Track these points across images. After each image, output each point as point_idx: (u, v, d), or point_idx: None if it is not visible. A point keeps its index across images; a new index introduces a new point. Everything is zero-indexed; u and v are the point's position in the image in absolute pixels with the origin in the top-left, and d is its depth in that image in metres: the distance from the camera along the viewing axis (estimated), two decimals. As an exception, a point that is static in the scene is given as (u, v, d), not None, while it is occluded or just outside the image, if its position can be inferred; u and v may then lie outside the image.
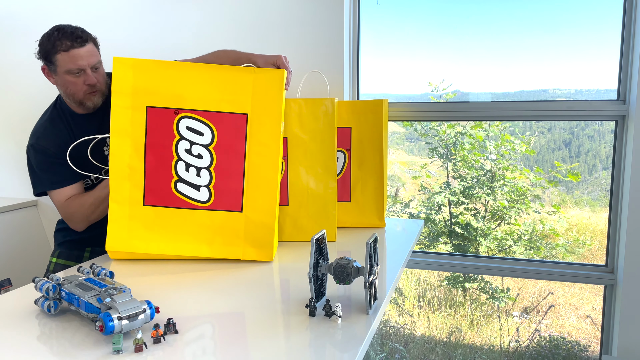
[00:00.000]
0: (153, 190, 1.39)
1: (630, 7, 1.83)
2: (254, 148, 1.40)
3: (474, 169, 2.56)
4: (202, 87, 1.39)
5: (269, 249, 1.42)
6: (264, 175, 1.41)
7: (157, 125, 1.38)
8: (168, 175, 1.39)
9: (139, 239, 1.40)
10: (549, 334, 2.47)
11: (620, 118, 1.89)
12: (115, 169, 1.38)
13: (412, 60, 2.34)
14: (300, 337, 0.97)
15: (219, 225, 1.41)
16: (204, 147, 1.39)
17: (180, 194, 1.40)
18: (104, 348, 0.90)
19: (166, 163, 1.39)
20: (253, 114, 1.40)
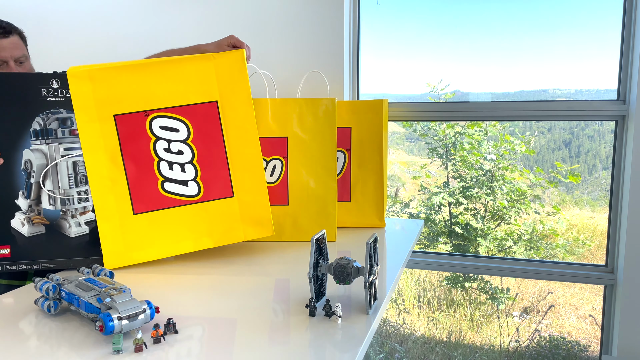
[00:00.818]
0: (140, 197, 1.38)
1: (630, 7, 1.83)
2: (231, 132, 1.41)
3: (473, 169, 2.56)
4: (166, 83, 1.37)
5: (268, 224, 1.43)
6: (246, 156, 1.41)
7: (129, 132, 1.36)
8: (153, 178, 1.38)
9: (138, 249, 1.38)
10: (549, 334, 2.47)
11: (620, 118, 1.89)
12: (95, 186, 1.35)
13: (412, 60, 2.34)
14: (300, 337, 0.97)
15: (214, 214, 1.41)
16: (182, 143, 1.39)
17: (170, 193, 1.39)
18: (104, 348, 0.90)
19: (148, 167, 1.38)
20: (222, 99, 1.40)
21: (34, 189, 1.33)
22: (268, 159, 1.62)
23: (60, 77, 1.33)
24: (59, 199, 1.34)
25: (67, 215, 1.35)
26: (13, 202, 1.32)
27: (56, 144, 1.34)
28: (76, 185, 1.35)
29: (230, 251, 1.54)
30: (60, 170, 1.34)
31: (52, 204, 1.34)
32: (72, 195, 1.35)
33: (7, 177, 1.31)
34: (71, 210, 1.35)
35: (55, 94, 1.33)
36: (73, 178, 1.35)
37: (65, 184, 1.35)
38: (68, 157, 1.35)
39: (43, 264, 1.33)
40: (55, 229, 1.34)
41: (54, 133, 1.34)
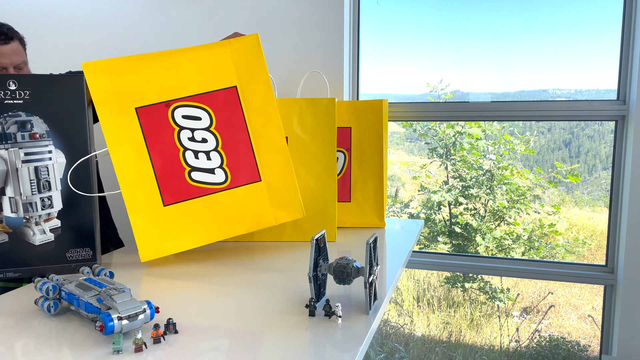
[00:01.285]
0: (169, 188, 1.37)
1: (630, 7, 1.83)
2: (253, 116, 1.41)
3: (473, 169, 2.56)
4: (185, 72, 1.37)
5: (298, 206, 1.44)
6: (270, 139, 1.42)
7: (152, 124, 1.36)
8: (179, 168, 1.37)
9: (171, 240, 1.38)
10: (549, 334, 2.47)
11: (620, 118, 1.89)
12: (124, 180, 1.34)
13: (412, 60, 2.34)
14: (300, 337, 0.97)
15: (243, 200, 1.41)
16: (205, 131, 1.38)
17: (197, 182, 1.38)
18: (104, 348, 0.90)
19: (174, 157, 1.37)
20: (241, 84, 1.40)
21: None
22: (268, 159, 1.62)
23: (17, 78, 1.26)
24: (21, 205, 1.29)
25: (30, 223, 1.29)
26: None
27: (16, 149, 1.27)
28: (39, 192, 1.29)
29: (230, 251, 1.54)
30: (21, 176, 1.28)
31: (15, 211, 1.29)
32: (35, 201, 1.29)
33: None
34: (35, 217, 1.29)
35: (13, 96, 1.26)
36: (35, 184, 1.29)
37: (27, 190, 1.29)
38: (29, 163, 1.28)
39: (7, 272, 1.29)
40: (19, 237, 1.29)
41: (13, 137, 1.27)
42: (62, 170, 1.31)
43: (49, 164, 1.30)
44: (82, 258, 1.33)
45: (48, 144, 1.29)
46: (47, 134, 1.29)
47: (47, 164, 1.30)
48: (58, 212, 1.31)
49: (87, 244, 1.33)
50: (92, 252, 1.34)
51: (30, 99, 1.27)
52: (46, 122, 1.29)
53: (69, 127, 1.30)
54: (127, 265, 1.39)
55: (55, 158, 1.30)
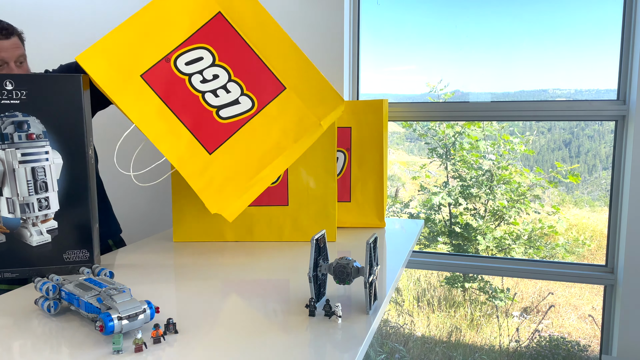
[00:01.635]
0: (206, 136, 1.35)
1: (630, 7, 1.83)
2: (250, 32, 1.39)
3: (473, 169, 2.56)
4: (167, 22, 1.36)
5: (334, 95, 1.42)
6: (275, 44, 1.40)
7: (163, 84, 1.34)
8: (206, 113, 1.35)
9: (231, 187, 1.35)
10: (549, 334, 2.47)
11: (620, 118, 1.89)
12: (165, 149, 1.32)
13: (412, 60, 2.34)
14: (300, 337, 0.97)
15: (279, 114, 1.39)
16: (212, 67, 1.37)
17: (228, 118, 1.37)
18: (104, 348, 0.90)
19: (197, 105, 1.36)
20: (223, 6, 1.39)
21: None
22: (268, 159, 1.62)
23: (14, 78, 1.25)
24: (18, 206, 1.28)
25: (27, 224, 1.28)
26: None
27: (13, 149, 1.25)
28: (36, 192, 1.28)
29: (230, 251, 1.54)
30: (18, 177, 1.27)
31: (12, 212, 1.28)
32: (32, 202, 1.28)
33: None
34: (32, 218, 1.28)
35: (10, 96, 1.24)
36: (32, 185, 1.28)
37: (24, 191, 1.27)
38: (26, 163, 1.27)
39: (5, 273, 1.28)
40: (16, 237, 1.27)
41: (9, 137, 1.25)
42: (59, 171, 1.30)
43: (46, 165, 1.28)
44: (79, 259, 1.32)
45: (45, 145, 1.28)
46: (43, 134, 1.28)
47: (44, 164, 1.28)
48: (55, 213, 1.30)
49: (84, 246, 1.32)
50: (90, 253, 1.32)
51: (27, 99, 1.26)
52: (43, 122, 1.27)
53: (66, 128, 1.29)
54: (127, 266, 1.39)
55: (52, 159, 1.29)
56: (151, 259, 1.45)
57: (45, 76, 1.30)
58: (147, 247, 1.58)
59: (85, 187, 1.31)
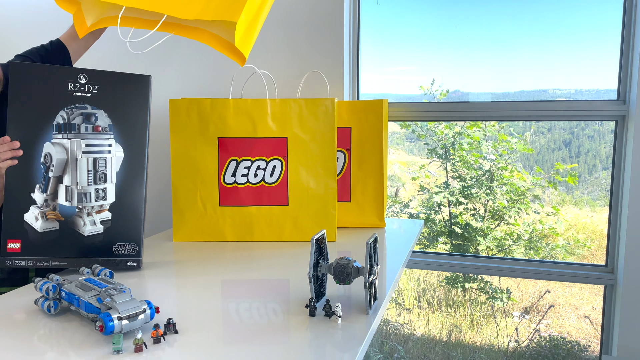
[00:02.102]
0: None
1: (630, 7, 1.83)
2: None
3: (472, 169, 2.56)
4: None
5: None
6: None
7: None
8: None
9: None
10: (549, 334, 2.47)
11: (620, 118, 1.89)
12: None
13: (412, 60, 2.34)
14: (300, 337, 0.97)
15: None
16: None
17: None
18: (104, 348, 0.90)
19: None
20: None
21: (51, 184, 1.30)
22: (268, 159, 1.62)
23: (87, 72, 1.31)
24: (76, 195, 1.31)
25: (82, 213, 1.31)
26: (29, 196, 1.29)
27: (78, 140, 1.31)
28: (95, 183, 1.32)
29: (230, 251, 1.54)
30: (80, 166, 1.31)
31: (69, 200, 1.31)
32: (90, 192, 1.32)
33: (25, 170, 1.28)
34: (87, 207, 1.32)
35: (82, 89, 1.30)
36: (92, 175, 1.32)
37: (83, 181, 1.31)
38: (89, 154, 1.32)
39: (53, 261, 1.30)
40: (69, 226, 1.31)
41: (77, 128, 1.31)
42: (119, 164, 1.33)
43: (108, 157, 1.33)
44: (128, 253, 1.33)
45: (109, 138, 1.32)
46: (109, 127, 1.32)
47: (105, 156, 1.32)
48: (110, 205, 1.33)
49: (133, 239, 1.34)
50: (138, 248, 1.34)
51: (98, 93, 1.31)
52: (110, 116, 1.32)
53: (131, 124, 1.33)
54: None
55: (114, 152, 1.33)
56: (151, 259, 1.45)
57: (116, 74, 1.34)
58: (147, 247, 1.58)
59: (141, 182, 1.34)
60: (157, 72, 2.19)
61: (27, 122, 1.29)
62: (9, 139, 1.27)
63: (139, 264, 1.33)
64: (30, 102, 1.28)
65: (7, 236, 1.28)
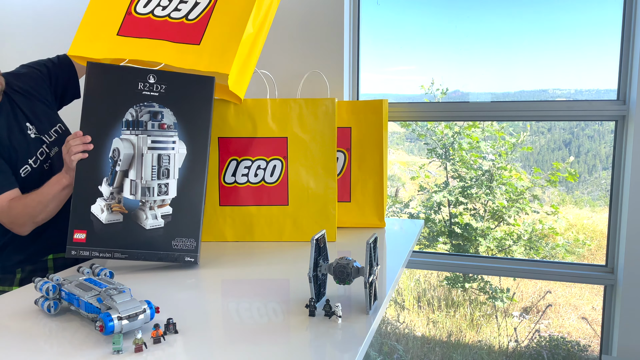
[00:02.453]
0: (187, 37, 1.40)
1: (630, 7, 1.83)
2: None
3: (472, 169, 2.56)
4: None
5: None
6: None
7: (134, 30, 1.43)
8: (179, 25, 1.42)
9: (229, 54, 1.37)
10: (549, 334, 2.47)
11: (620, 118, 1.89)
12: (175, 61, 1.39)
13: (412, 60, 2.34)
14: (300, 337, 0.97)
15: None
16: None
17: (197, 17, 1.43)
18: (104, 348, 0.90)
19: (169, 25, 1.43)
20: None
21: (117, 177, 1.35)
22: (268, 159, 1.62)
23: (157, 73, 1.36)
24: (140, 189, 1.36)
25: (145, 207, 1.36)
26: (96, 188, 1.34)
27: (145, 136, 1.36)
28: (158, 178, 1.36)
29: (230, 251, 1.54)
30: (145, 162, 1.36)
31: (133, 194, 1.36)
32: (153, 186, 1.36)
33: (95, 163, 1.34)
34: (150, 201, 1.36)
35: (151, 88, 1.36)
36: (156, 170, 1.36)
37: (147, 175, 1.36)
38: (154, 150, 1.37)
39: (115, 253, 1.34)
40: (132, 219, 1.35)
41: (144, 125, 1.36)
42: (181, 161, 1.37)
43: (171, 154, 1.37)
44: (186, 248, 1.36)
45: (173, 135, 1.37)
46: (174, 125, 1.37)
47: (169, 153, 1.37)
48: (171, 200, 1.37)
49: (192, 235, 1.36)
50: (196, 243, 1.36)
51: (165, 93, 1.36)
52: (175, 115, 1.37)
53: (194, 123, 1.38)
54: (127, 266, 1.39)
55: (177, 149, 1.37)
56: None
57: (183, 75, 1.38)
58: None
59: (201, 180, 1.37)
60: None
61: (98, 118, 1.35)
62: (81, 134, 1.34)
63: (196, 259, 1.36)
64: (103, 100, 1.36)
65: (73, 226, 1.33)
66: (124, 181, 1.35)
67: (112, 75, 1.36)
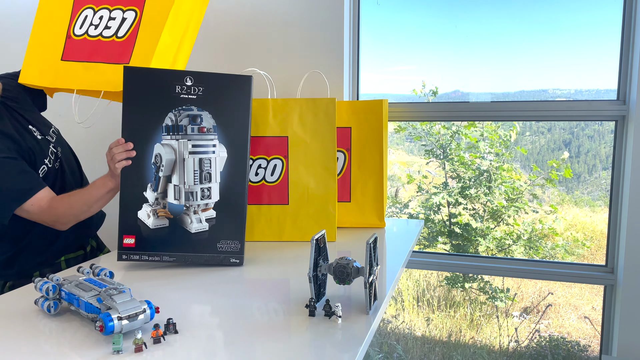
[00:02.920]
0: (120, 56, 1.47)
1: (630, 7, 1.83)
2: None
3: (470, 169, 2.56)
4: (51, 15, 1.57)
5: None
6: None
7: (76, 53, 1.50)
8: (111, 43, 1.50)
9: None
10: (549, 334, 2.47)
11: (620, 118, 1.89)
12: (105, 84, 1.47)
13: (412, 60, 2.34)
14: (300, 337, 0.97)
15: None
16: (95, 14, 1.53)
17: (125, 33, 1.49)
18: (104, 348, 0.90)
19: (103, 44, 1.49)
20: None
21: (161, 183, 1.36)
22: (268, 159, 1.62)
23: (193, 74, 1.35)
24: (183, 193, 1.37)
25: (189, 211, 1.37)
26: (141, 194, 1.36)
27: (185, 140, 1.36)
28: (200, 182, 1.37)
29: (230, 251, 1.54)
30: (187, 166, 1.36)
31: (177, 199, 1.37)
32: (196, 191, 1.37)
33: (139, 170, 1.35)
34: (194, 206, 1.37)
35: (188, 91, 1.35)
36: (198, 175, 1.37)
37: (190, 180, 1.37)
38: (195, 155, 1.37)
39: (164, 256, 1.36)
40: (178, 223, 1.37)
41: (184, 129, 1.36)
42: (222, 164, 1.37)
43: (212, 157, 1.37)
44: (231, 250, 1.38)
45: (213, 138, 1.37)
46: (213, 128, 1.37)
47: (210, 156, 1.37)
48: (215, 203, 1.37)
49: (236, 237, 1.38)
50: (240, 245, 1.38)
51: (203, 95, 1.36)
52: (214, 117, 1.36)
53: (233, 124, 1.37)
54: (127, 266, 1.39)
55: (218, 152, 1.37)
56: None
57: (220, 75, 1.38)
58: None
59: (243, 181, 1.38)
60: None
61: (139, 124, 1.35)
62: (123, 141, 1.34)
63: (241, 260, 1.38)
64: (142, 105, 1.35)
65: (123, 232, 1.36)
66: (168, 186, 1.37)
67: (149, 80, 1.35)
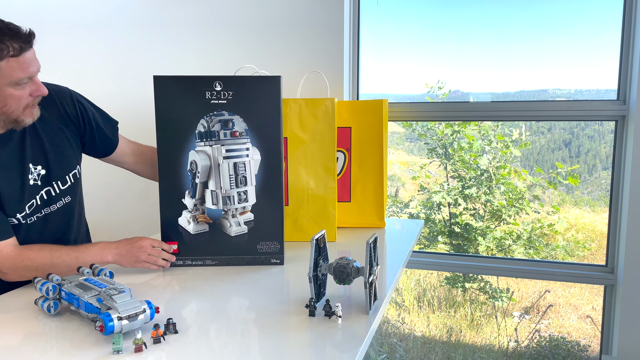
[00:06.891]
0: None
1: (630, 7, 1.83)
2: None
3: (472, 169, 2.56)
4: None
5: None
6: None
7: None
8: None
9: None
10: (549, 334, 2.47)
11: (620, 118, 1.89)
12: None
13: (412, 60, 2.34)
14: (300, 337, 0.97)
15: None
16: None
17: None
18: (104, 348, 0.90)
19: None
20: None
21: (198, 189, 1.38)
22: (268, 159, 1.62)
23: (223, 79, 1.35)
24: (221, 198, 1.38)
25: (228, 215, 1.39)
26: (180, 201, 1.38)
27: (218, 146, 1.37)
28: (236, 186, 1.38)
29: (230, 251, 1.54)
30: (222, 171, 1.37)
31: (215, 204, 1.39)
32: (232, 195, 1.38)
33: (176, 177, 1.37)
34: (232, 210, 1.39)
35: (218, 96, 1.35)
36: (234, 179, 1.38)
37: (226, 185, 1.38)
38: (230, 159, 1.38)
39: (207, 260, 1.39)
40: (217, 227, 1.39)
41: (216, 135, 1.36)
42: (257, 167, 1.38)
43: (246, 161, 1.38)
44: (271, 251, 1.40)
45: (246, 142, 1.38)
46: (245, 132, 1.37)
47: (244, 160, 1.38)
48: (252, 206, 1.39)
49: (275, 238, 1.40)
50: (280, 245, 1.40)
51: (233, 99, 1.35)
52: (245, 121, 1.36)
53: (265, 127, 1.37)
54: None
55: (251, 155, 1.38)
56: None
57: (249, 78, 1.39)
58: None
59: (279, 182, 1.39)
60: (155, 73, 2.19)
61: (172, 132, 1.36)
62: (166, 246, 1.37)
63: (281, 260, 1.40)
64: (174, 113, 1.35)
65: (165, 239, 1.39)
66: (205, 192, 1.39)
67: (179, 87, 1.35)
